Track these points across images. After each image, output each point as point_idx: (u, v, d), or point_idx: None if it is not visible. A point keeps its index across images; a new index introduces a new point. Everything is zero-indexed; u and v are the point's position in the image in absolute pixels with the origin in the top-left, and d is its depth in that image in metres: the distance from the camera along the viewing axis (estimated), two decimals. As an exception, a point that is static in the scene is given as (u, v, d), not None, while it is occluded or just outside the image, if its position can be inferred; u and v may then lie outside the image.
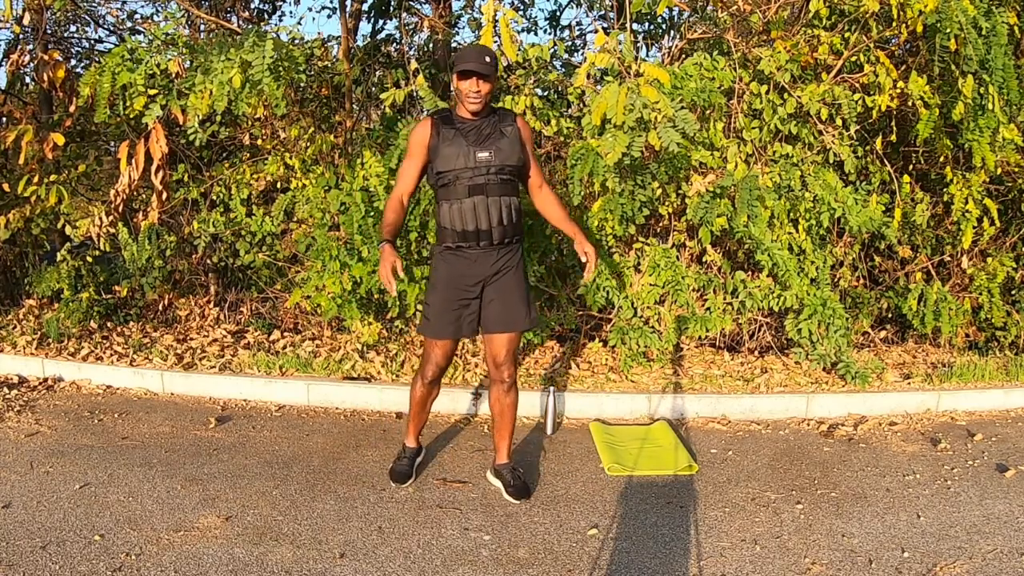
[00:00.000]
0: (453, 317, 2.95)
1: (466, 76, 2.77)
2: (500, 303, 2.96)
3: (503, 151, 2.86)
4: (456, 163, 2.83)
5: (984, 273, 4.78)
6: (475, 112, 2.84)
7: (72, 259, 4.88)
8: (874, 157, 4.60)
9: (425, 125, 2.89)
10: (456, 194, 2.86)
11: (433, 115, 2.93)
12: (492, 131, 2.87)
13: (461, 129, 2.85)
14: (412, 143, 2.92)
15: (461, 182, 2.84)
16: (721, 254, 4.49)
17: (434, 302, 2.97)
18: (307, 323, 5.03)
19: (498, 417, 3.16)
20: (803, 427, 3.99)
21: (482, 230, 2.88)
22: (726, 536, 2.86)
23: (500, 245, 2.93)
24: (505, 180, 2.88)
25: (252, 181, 4.74)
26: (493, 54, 2.80)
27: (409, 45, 6.02)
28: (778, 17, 4.27)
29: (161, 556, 2.61)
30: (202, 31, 5.49)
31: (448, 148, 2.84)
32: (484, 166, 2.83)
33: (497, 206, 2.87)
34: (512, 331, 3.00)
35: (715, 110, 4.26)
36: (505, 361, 3.03)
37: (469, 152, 2.83)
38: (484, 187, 2.85)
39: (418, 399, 3.17)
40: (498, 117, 2.91)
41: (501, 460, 3.23)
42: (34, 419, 3.82)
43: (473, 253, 2.91)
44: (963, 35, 3.80)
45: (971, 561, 2.68)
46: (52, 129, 4.76)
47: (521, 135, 2.92)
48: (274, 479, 3.24)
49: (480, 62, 2.74)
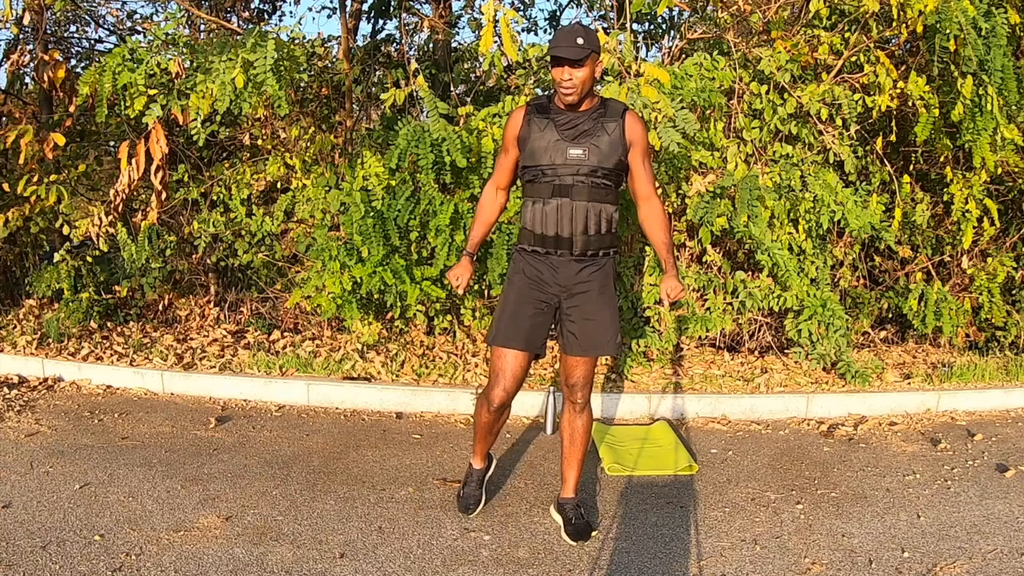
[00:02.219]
0: (526, 324, 2.62)
1: (557, 63, 2.42)
2: (582, 322, 2.62)
3: (600, 150, 2.50)
4: (543, 158, 2.52)
5: (984, 273, 4.78)
6: (570, 104, 2.49)
7: (72, 259, 4.88)
8: (874, 157, 4.60)
9: (518, 114, 2.59)
10: (540, 193, 2.55)
11: (529, 103, 2.62)
12: (592, 126, 2.51)
13: (556, 120, 2.52)
14: (505, 136, 2.65)
15: (546, 180, 2.53)
16: (721, 254, 4.49)
17: (506, 305, 2.66)
18: (307, 323, 5.03)
19: (568, 443, 2.83)
20: (803, 427, 3.99)
21: (563, 237, 2.56)
22: (726, 536, 2.86)
23: (583, 257, 2.59)
24: (598, 184, 2.52)
25: (252, 181, 4.74)
26: (590, 33, 2.43)
27: (409, 45, 6.02)
28: (778, 17, 4.27)
29: (161, 556, 2.61)
30: (202, 31, 5.49)
31: (538, 141, 2.53)
32: (575, 165, 2.50)
33: (584, 212, 2.53)
34: (592, 355, 2.67)
35: (715, 110, 4.27)
36: (579, 384, 2.71)
37: (560, 147, 2.50)
38: (571, 189, 2.51)
39: (483, 425, 2.79)
40: (605, 110, 2.53)
41: (567, 494, 2.88)
42: (34, 419, 3.82)
43: (553, 260, 2.60)
44: (963, 36, 3.81)
45: (971, 561, 2.68)
46: (52, 129, 4.76)
47: (626, 135, 2.52)
48: (274, 479, 3.24)
49: (570, 45, 2.37)
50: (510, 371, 2.64)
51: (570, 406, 2.78)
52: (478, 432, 2.85)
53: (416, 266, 4.27)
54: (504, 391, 2.65)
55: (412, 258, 4.31)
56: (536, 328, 2.64)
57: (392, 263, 4.13)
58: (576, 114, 2.52)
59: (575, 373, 2.69)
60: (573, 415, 2.79)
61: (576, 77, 2.43)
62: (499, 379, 2.65)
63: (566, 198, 2.52)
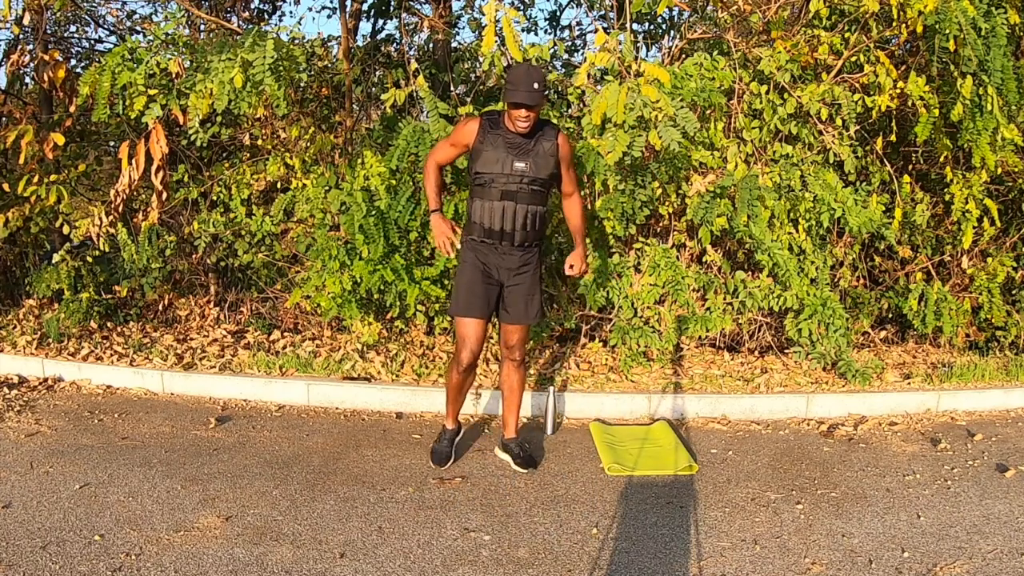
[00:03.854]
0: (481, 298, 3.20)
1: (517, 107, 2.97)
2: (519, 298, 3.25)
3: (539, 165, 3.10)
4: (494, 168, 3.09)
5: (984, 273, 4.78)
6: (522, 134, 3.07)
7: (72, 259, 4.88)
8: (874, 157, 4.60)
9: (472, 125, 3.13)
10: (489, 196, 3.13)
11: (482, 116, 3.16)
12: (533, 146, 3.10)
13: (504, 137, 3.08)
14: (458, 133, 3.19)
15: (496, 186, 3.10)
16: (721, 254, 4.49)
17: (461, 283, 3.23)
18: (307, 323, 5.03)
19: (507, 392, 3.45)
20: (803, 427, 3.99)
21: (506, 231, 3.15)
22: (726, 536, 2.86)
23: (521, 246, 3.20)
24: (536, 191, 3.13)
25: (252, 181, 4.74)
26: (543, 78, 2.98)
27: (409, 45, 6.02)
28: (778, 17, 4.27)
29: (161, 556, 2.61)
30: (202, 31, 5.49)
31: (489, 152, 3.09)
32: (519, 175, 3.09)
33: (524, 212, 3.13)
34: (523, 324, 3.31)
35: (715, 110, 4.27)
36: (516, 345, 3.35)
37: (507, 160, 3.08)
38: (515, 194, 3.11)
39: (455, 385, 3.37)
40: (542, 133, 3.12)
41: (509, 435, 3.49)
42: (34, 419, 3.82)
43: (497, 248, 3.19)
44: (962, 36, 3.81)
45: (971, 561, 2.68)
46: (52, 129, 4.76)
47: (560, 152, 3.14)
48: (274, 479, 3.24)
49: (529, 91, 2.92)
50: (473, 335, 3.21)
51: (509, 363, 3.39)
52: (450, 394, 3.42)
53: (416, 266, 4.27)
54: (470, 352, 3.22)
55: (412, 258, 4.31)
56: (488, 299, 3.22)
57: (392, 262, 4.14)
58: (523, 137, 3.08)
59: (514, 337, 3.33)
60: (511, 370, 3.40)
61: (533, 115, 3.00)
62: (465, 343, 3.22)
63: (511, 201, 3.12)
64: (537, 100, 2.94)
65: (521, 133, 3.05)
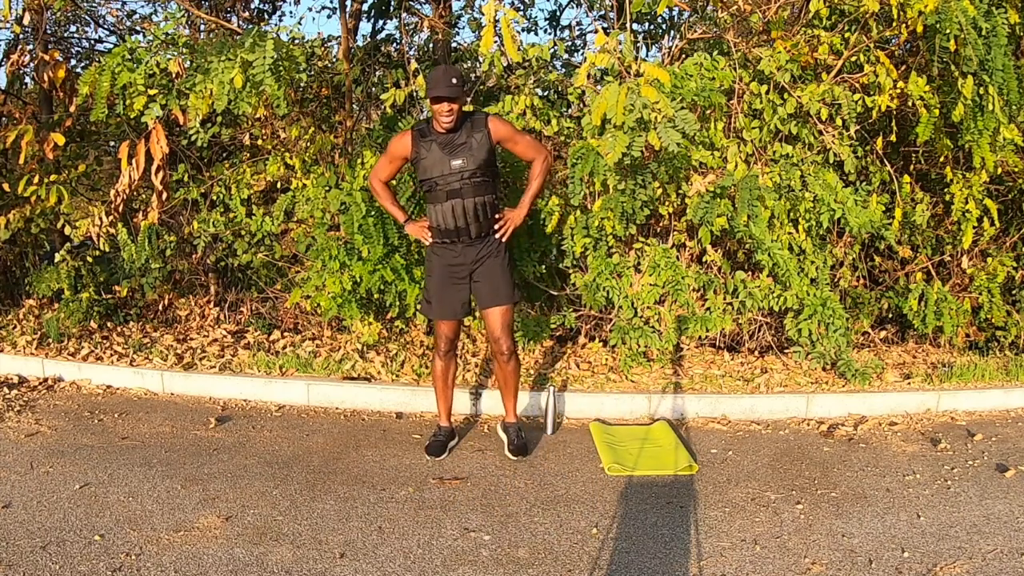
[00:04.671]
0: (449, 299, 3.39)
1: (438, 101, 3.09)
2: (487, 283, 3.38)
3: (474, 156, 3.20)
4: (434, 172, 3.22)
5: (984, 273, 4.77)
6: (448, 129, 3.18)
7: (72, 259, 4.88)
8: (874, 157, 4.60)
9: (405, 138, 3.29)
10: (437, 198, 3.26)
11: (413, 128, 3.30)
12: (464, 140, 3.21)
13: (437, 141, 3.21)
14: (392, 150, 3.36)
15: (440, 188, 3.23)
16: (721, 254, 4.49)
17: (431, 287, 3.44)
18: (307, 323, 5.03)
19: (503, 384, 3.61)
20: (803, 427, 3.99)
21: (460, 227, 3.28)
22: (726, 536, 2.86)
23: (479, 238, 3.32)
24: (479, 182, 3.23)
25: (252, 181, 4.73)
26: (459, 74, 3.13)
27: (409, 45, 6.02)
28: (778, 17, 4.27)
29: (161, 556, 2.61)
30: (202, 31, 5.49)
31: (426, 160, 3.23)
32: (458, 172, 3.21)
33: (472, 206, 3.25)
34: (500, 305, 3.40)
35: (715, 110, 4.26)
36: (501, 334, 3.42)
37: (445, 161, 3.20)
38: (460, 191, 3.23)
39: (438, 373, 3.57)
40: (470, 124, 3.23)
41: (509, 419, 3.66)
42: (34, 419, 3.82)
43: (457, 247, 3.33)
44: (963, 35, 3.80)
45: (971, 561, 2.68)
46: (52, 129, 4.76)
47: (492, 137, 3.23)
48: (274, 479, 3.24)
49: (448, 86, 3.05)
50: (448, 329, 3.48)
51: (499, 356, 3.48)
52: (436, 385, 3.61)
53: (416, 265, 4.26)
54: (446, 340, 3.51)
55: (412, 258, 4.31)
56: (458, 300, 3.41)
57: (392, 262, 4.14)
58: (453, 135, 3.20)
59: (496, 324, 3.41)
60: (502, 364, 3.51)
61: (455, 108, 3.11)
62: (441, 339, 3.51)
63: (457, 199, 3.23)
64: (456, 93, 3.07)
65: (448, 129, 3.16)
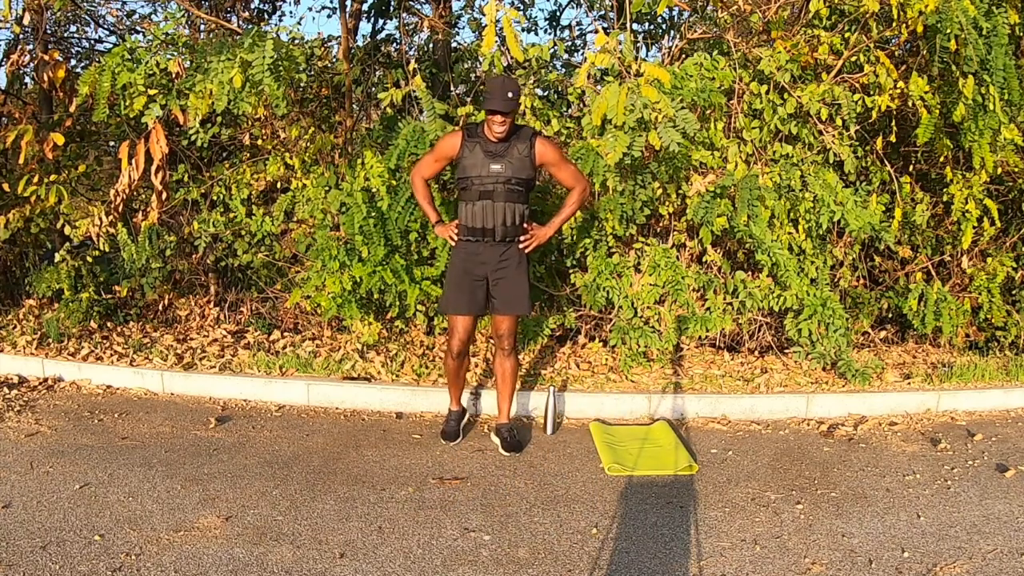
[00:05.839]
0: (467, 296, 3.47)
1: (493, 113, 3.22)
2: (504, 290, 3.47)
3: (514, 166, 3.33)
4: (472, 171, 3.35)
5: (984, 273, 4.78)
6: (499, 139, 3.32)
7: (72, 259, 4.87)
8: (874, 157, 4.60)
9: (454, 138, 3.41)
10: (470, 197, 3.38)
11: (464, 128, 3.46)
12: (508, 149, 3.34)
13: (483, 145, 3.35)
14: (439, 150, 3.47)
15: (475, 187, 3.36)
16: (721, 254, 4.49)
17: (450, 283, 3.52)
18: (307, 323, 5.03)
19: (500, 380, 3.67)
20: (803, 427, 3.99)
21: (487, 228, 3.39)
22: (726, 536, 2.86)
23: (503, 242, 3.41)
24: (511, 189, 3.35)
25: (252, 181, 4.73)
26: (517, 87, 3.26)
27: (409, 45, 6.02)
28: (778, 17, 4.27)
29: (161, 556, 2.61)
30: (202, 31, 5.49)
31: (468, 160, 3.36)
32: (494, 176, 3.33)
33: (502, 210, 3.36)
34: (512, 314, 3.53)
35: (715, 110, 4.26)
36: (506, 335, 3.57)
37: (484, 164, 3.34)
38: (492, 193, 3.35)
39: (451, 371, 3.67)
40: (517, 136, 3.36)
41: (501, 420, 3.71)
42: (34, 419, 3.82)
43: (481, 246, 3.42)
44: (963, 35, 3.80)
45: (971, 561, 2.68)
46: (52, 129, 4.76)
47: (534, 154, 3.36)
48: (274, 479, 3.24)
49: (504, 100, 3.19)
50: (461, 326, 3.53)
51: (499, 352, 3.62)
52: (449, 379, 3.72)
53: (416, 266, 4.26)
54: (460, 341, 3.55)
55: (412, 258, 4.31)
56: (475, 297, 3.49)
57: (392, 263, 4.13)
58: (499, 143, 3.34)
59: (502, 327, 3.55)
60: (502, 359, 3.62)
61: (507, 122, 3.25)
62: (455, 334, 3.55)
63: (488, 200, 3.36)
64: (512, 107, 3.21)
65: (498, 138, 3.30)
